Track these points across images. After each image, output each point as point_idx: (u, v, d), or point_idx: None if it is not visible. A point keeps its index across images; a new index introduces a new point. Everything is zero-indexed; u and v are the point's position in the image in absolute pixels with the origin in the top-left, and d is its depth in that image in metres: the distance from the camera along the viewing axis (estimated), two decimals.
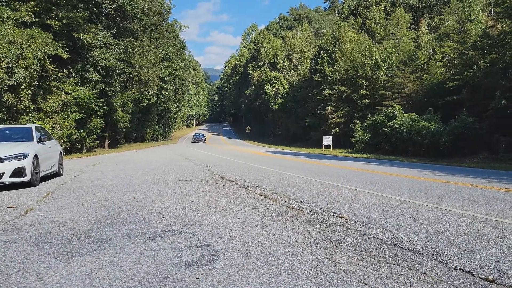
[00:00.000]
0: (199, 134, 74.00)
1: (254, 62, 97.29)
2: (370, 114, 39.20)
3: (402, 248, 3.98)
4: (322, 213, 5.81)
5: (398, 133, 29.97)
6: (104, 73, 29.48)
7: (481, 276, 3.16)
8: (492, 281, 3.06)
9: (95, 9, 29.16)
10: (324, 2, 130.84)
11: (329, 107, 50.63)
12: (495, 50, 27.49)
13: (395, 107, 33.91)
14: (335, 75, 50.96)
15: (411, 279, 3.08)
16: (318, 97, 53.63)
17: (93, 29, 27.04)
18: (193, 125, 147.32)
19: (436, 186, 9.48)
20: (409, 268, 3.35)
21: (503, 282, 3.04)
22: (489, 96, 25.45)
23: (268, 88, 79.20)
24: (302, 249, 3.90)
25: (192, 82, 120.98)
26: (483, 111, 25.48)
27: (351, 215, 5.69)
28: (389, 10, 63.54)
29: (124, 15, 32.88)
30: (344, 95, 49.08)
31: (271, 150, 43.51)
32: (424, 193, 8.08)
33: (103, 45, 28.58)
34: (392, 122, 31.49)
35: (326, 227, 4.90)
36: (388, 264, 3.46)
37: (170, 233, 4.58)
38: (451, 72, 35.02)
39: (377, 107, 40.70)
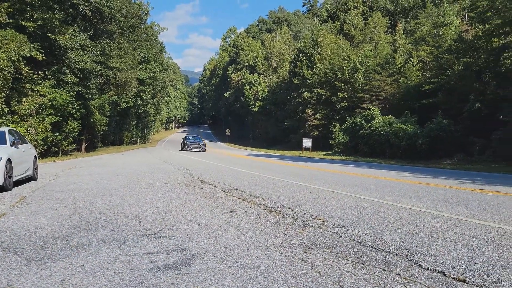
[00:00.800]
0: (192, 137, 45.66)
1: (233, 65, 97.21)
2: (349, 117, 39.73)
3: (377, 249, 4.03)
4: (299, 216, 5.84)
5: (376, 135, 30.40)
6: (81, 75, 28.94)
7: (452, 276, 3.22)
8: (463, 281, 3.12)
9: (71, 10, 28.64)
10: (303, 6, 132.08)
11: (308, 110, 50.97)
12: (469, 54, 28.15)
13: (373, 109, 34.41)
14: (314, 78, 51.37)
15: (385, 280, 3.12)
16: (297, 99, 53.96)
17: (69, 30, 26.52)
18: (172, 128, 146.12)
19: (412, 187, 9.64)
20: (384, 269, 3.39)
21: (473, 282, 3.10)
22: (463, 99, 26.04)
23: (247, 90, 79.26)
24: (279, 252, 3.91)
25: (171, 84, 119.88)
26: (458, 113, 26.06)
27: (328, 217, 5.74)
28: (366, 14, 64.54)
29: (101, 16, 32.41)
30: (323, 98, 49.50)
31: (250, 152, 43.51)
32: (400, 194, 8.20)
33: (79, 47, 28.10)
34: (370, 124, 31.93)
35: (303, 230, 4.92)
36: (363, 265, 3.50)
37: (146, 237, 4.53)
38: (427, 75, 35.70)
39: (356, 110, 41.19)
